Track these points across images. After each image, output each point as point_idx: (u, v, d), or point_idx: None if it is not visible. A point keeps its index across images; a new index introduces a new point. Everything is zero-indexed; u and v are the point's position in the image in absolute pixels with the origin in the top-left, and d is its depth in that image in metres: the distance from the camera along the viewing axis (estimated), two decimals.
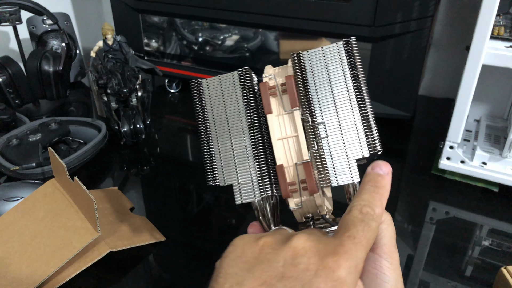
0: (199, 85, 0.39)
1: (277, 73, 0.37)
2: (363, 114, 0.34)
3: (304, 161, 0.34)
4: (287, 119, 0.36)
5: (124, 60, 0.86)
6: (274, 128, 0.36)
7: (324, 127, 0.34)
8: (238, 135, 0.36)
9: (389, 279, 0.32)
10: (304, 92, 0.35)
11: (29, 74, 0.86)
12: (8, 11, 0.85)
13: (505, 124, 0.77)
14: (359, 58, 0.35)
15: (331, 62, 0.35)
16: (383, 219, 0.34)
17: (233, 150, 0.36)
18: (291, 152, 0.35)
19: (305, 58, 0.35)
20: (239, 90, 0.37)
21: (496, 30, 0.60)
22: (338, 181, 0.33)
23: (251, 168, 0.35)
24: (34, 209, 0.53)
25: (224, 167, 0.36)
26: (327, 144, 0.34)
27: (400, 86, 0.78)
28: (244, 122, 0.36)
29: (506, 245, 0.57)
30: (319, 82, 0.35)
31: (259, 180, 0.35)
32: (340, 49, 0.35)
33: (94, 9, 1.29)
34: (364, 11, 0.73)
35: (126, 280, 0.51)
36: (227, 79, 0.38)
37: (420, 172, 0.72)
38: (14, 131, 0.75)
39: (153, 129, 0.86)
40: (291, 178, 0.35)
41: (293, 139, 0.35)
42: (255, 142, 0.36)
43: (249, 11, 0.84)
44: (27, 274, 0.47)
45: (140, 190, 0.69)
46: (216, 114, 0.37)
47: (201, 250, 0.56)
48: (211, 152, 0.37)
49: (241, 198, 0.36)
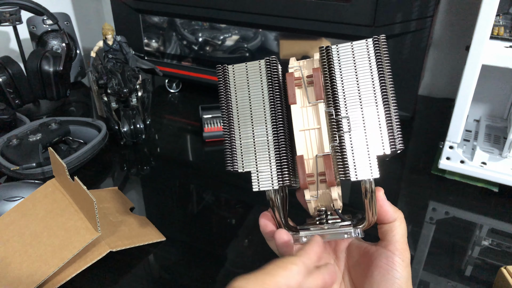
0: (224, 71, 0.39)
1: (302, 65, 0.37)
2: (387, 111, 0.34)
3: (325, 154, 0.34)
4: (310, 111, 0.36)
5: (124, 60, 0.86)
6: (297, 119, 0.36)
7: (347, 121, 0.34)
8: (260, 123, 0.36)
9: (401, 276, 0.32)
10: (330, 86, 0.35)
11: (29, 74, 0.86)
12: (8, 11, 0.85)
13: (505, 124, 0.77)
14: (387, 57, 0.35)
15: (359, 58, 0.35)
16: (396, 217, 0.34)
17: (254, 137, 0.36)
18: (312, 144, 0.36)
19: (333, 52, 0.36)
20: (264, 78, 0.37)
21: (496, 30, 0.60)
22: (358, 175, 0.33)
23: (271, 157, 0.36)
24: (34, 209, 0.53)
25: (244, 153, 0.37)
26: (349, 139, 0.34)
27: (400, 86, 0.78)
28: (268, 110, 0.36)
29: (506, 245, 0.57)
30: (346, 76, 0.35)
31: (277, 169, 0.35)
32: (369, 45, 0.35)
33: (94, 9, 1.29)
34: (364, 11, 0.73)
35: (126, 280, 0.51)
36: (254, 67, 0.38)
37: (420, 172, 0.72)
38: (14, 131, 0.75)
39: (153, 129, 0.86)
40: (309, 170, 0.35)
41: (315, 131, 0.36)
42: (277, 131, 0.36)
43: (249, 11, 0.84)
44: (27, 274, 0.47)
45: (140, 190, 0.69)
46: (240, 100, 0.38)
47: (201, 250, 0.56)
48: (232, 138, 0.37)
49: (258, 185, 0.36)
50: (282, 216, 0.36)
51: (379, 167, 0.33)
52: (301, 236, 0.36)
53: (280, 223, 0.36)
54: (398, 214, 0.34)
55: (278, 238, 0.35)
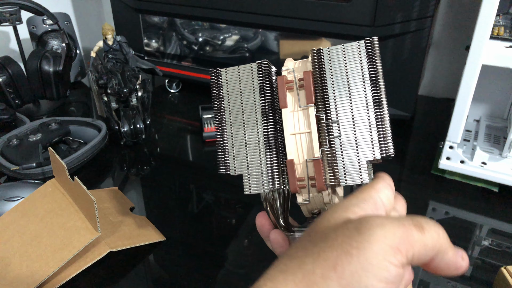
0: (217, 74, 0.39)
1: (296, 67, 0.37)
2: (378, 116, 0.34)
3: (314, 158, 0.34)
4: (301, 115, 0.36)
5: (124, 60, 0.86)
6: (288, 122, 0.36)
7: (337, 126, 0.34)
8: (252, 127, 0.36)
9: None
10: (320, 89, 0.35)
11: (29, 74, 0.86)
12: (8, 11, 0.85)
13: (505, 124, 0.77)
14: (380, 59, 0.34)
15: (351, 61, 0.34)
16: None
17: (245, 140, 0.37)
18: (303, 148, 0.35)
19: (325, 54, 0.35)
20: (256, 81, 0.37)
21: (496, 30, 0.60)
22: (347, 180, 0.33)
23: (262, 160, 0.36)
24: (34, 209, 0.53)
25: (236, 156, 0.37)
26: (339, 143, 0.34)
27: (400, 86, 0.78)
28: (259, 114, 0.36)
29: (506, 245, 0.57)
30: (337, 80, 0.35)
31: (268, 172, 0.35)
32: (361, 48, 0.34)
33: (94, 9, 1.29)
34: (364, 11, 0.73)
35: (126, 280, 0.51)
36: (246, 70, 0.38)
37: (420, 172, 0.72)
38: (14, 131, 0.75)
39: (153, 129, 0.86)
40: (300, 174, 0.35)
41: (305, 135, 0.35)
42: (268, 134, 0.36)
43: (249, 11, 0.84)
44: (27, 274, 0.47)
45: (140, 190, 0.69)
46: (232, 104, 0.38)
47: (201, 250, 0.56)
48: (224, 141, 0.37)
49: (249, 188, 0.36)
50: (280, 216, 0.36)
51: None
52: (296, 237, 0.36)
53: (275, 223, 0.36)
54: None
55: (272, 239, 0.35)
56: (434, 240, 0.24)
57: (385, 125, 0.34)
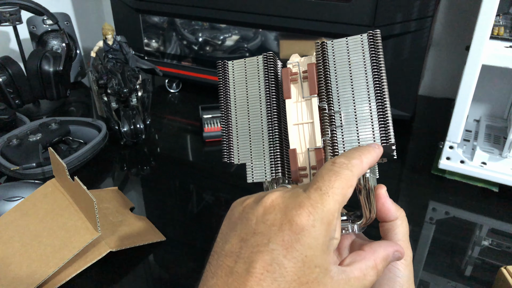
0: (224, 66, 0.40)
1: (301, 62, 0.38)
2: (379, 107, 0.34)
3: (316, 147, 0.35)
4: (304, 105, 0.37)
5: (124, 60, 0.86)
6: (291, 113, 0.37)
7: (340, 116, 0.34)
8: (256, 117, 0.37)
9: (402, 274, 0.32)
10: (323, 80, 0.36)
11: (29, 74, 0.86)
12: (8, 11, 0.85)
13: (505, 124, 0.77)
14: (382, 52, 0.35)
15: (353, 53, 0.35)
16: (398, 215, 0.34)
17: (250, 131, 0.38)
18: (305, 138, 0.36)
19: (328, 47, 0.36)
20: (261, 73, 0.38)
21: (496, 30, 0.60)
22: None
23: (265, 150, 0.37)
24: (34, 209, 0.53)
25: (240, 146, 0.38)
26: (341, 133, 0.34)
27: (400, 86, 0.78)
28: (263, 105, 0.37)
29: (506, 245, 0.57)
30: (340, 71, 0.35)
31: (271, 162, 0.36)
32: (364, 41, 0.35)
33: (94, 9, 1.29)
34: (364, 11, 0.73)
35: (126, 280, 0.51)
36: (252, 62, 0.39)
37: (420, 172, 0.72)
38: (14, 131, 0.75)
39: (153, 129, 0.86)
40: (302, 163, 0.36)
41: (308, 125, 0.36)
42: (272, 124, 0.37)
43: (249, 11, 0.84)
44: (27, 274, 0.47)
45: (140, 190, 0.69)
46: (238, 95, 0.39)
47: (201, 250, 0.56)
48: (229, 131, 0.38)
49: (252, 177, 0.37)
50: None
51: (381, 168, 0.33)
52: None
53: None
54: (400, 212, 0.34)
55: None
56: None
57: (387, 115, 0.34)
